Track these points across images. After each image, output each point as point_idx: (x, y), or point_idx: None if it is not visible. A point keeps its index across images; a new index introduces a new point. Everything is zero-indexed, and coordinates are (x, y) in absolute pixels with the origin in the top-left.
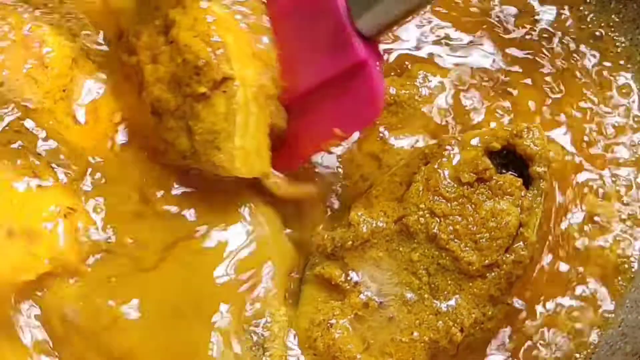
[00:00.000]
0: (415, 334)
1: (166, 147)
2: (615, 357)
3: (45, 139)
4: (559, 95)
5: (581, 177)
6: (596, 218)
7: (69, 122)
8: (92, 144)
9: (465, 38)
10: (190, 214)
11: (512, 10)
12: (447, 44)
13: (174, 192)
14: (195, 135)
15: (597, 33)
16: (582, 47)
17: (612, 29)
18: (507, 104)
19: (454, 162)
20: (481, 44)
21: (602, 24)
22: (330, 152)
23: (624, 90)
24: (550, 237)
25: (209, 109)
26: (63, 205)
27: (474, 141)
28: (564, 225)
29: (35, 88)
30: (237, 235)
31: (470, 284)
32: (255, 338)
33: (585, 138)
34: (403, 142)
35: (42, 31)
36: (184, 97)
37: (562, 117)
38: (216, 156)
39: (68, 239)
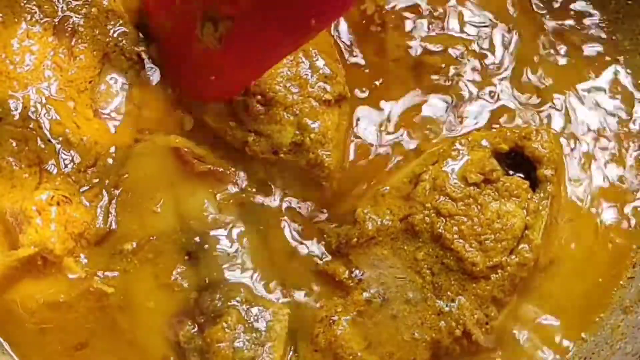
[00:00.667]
0: (417, 333)
1: (247, 142)
2: (615, 357)
3: (58, 127)
4: None
5: None
6: None
7: (89, 114)
8: (110, 139)
9: None
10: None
11: None
12: None
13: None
14: (310, 133)
15: None
16: None
17: None
18: None
19: (462, 162)
20: None
21: None
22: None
23: None
24: None
25: (327, 115)
26: (58, 193)
27: (483, 142)
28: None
29: (58, 76)
30: (244, 235)
31: (474, 284)
32: (256, 336)
33: None
34: None
35: (75, 21)
36: (304, 95)
37: None
38: (326, 156)
39: (57, 227)
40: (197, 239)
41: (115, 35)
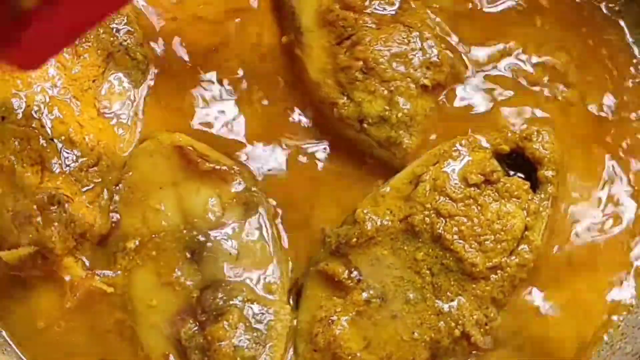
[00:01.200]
0: (417, 333)
1: (337, 104)
2: (615, 357)
3: (61, 126)
4: None
5: None
6: None
7: (93, 113)
8: (113, 138)
9: None
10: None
11: None
12: None
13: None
14: (399, 112)
15: None
16: None
17: None
18: None
19: (462, 163)
20: None
21: None
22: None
23: None
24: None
25: (420, 100)
26: (60, 192)
27: (483, 143)
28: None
29: (62, 74)
30: (247, 233)
31: (474, 285)
32: (257, 335)
33: None
34: None
35: None
36: (404, 75)
37: None
38: (406, 138)
39: (58, 226)
40: (200, 237)
41: (119, 34)
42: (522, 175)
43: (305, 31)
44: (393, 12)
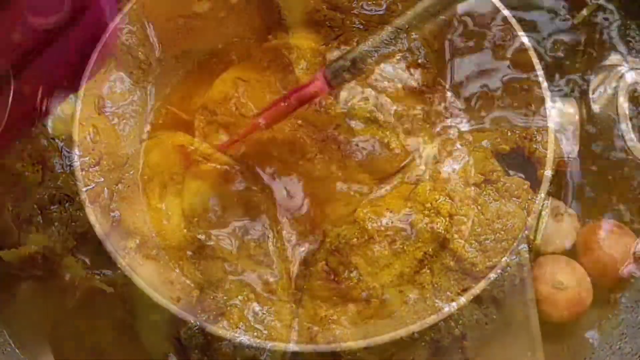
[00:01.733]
0: (417, 333)
1: (324, 104)
2: (615, 357)
3: (62, 125)
4: None
5: None
6: None
7: (94, 113)
8: (115, 138)
9: None
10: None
11: None
12: None
13: None
14: (385, 113)
15: None
16: None
17: None
18: None
19: (462, 162)
20: None
21: None
22: None
23: None
24: None
25: (407, 101)
26: (61, 192)
27: (483, 142)
28: None
29: None
30: (247, 233)
31: (474, 285)
32: (257, 335)
33: None
34: None
35: None
36: (392, 76)
37: None
38: (393, 139)
39: (59, 226)
40: (200, 236)
41: (121, 33)
42: (522, 175)
43: (292, 31)
44: (381, 13)
